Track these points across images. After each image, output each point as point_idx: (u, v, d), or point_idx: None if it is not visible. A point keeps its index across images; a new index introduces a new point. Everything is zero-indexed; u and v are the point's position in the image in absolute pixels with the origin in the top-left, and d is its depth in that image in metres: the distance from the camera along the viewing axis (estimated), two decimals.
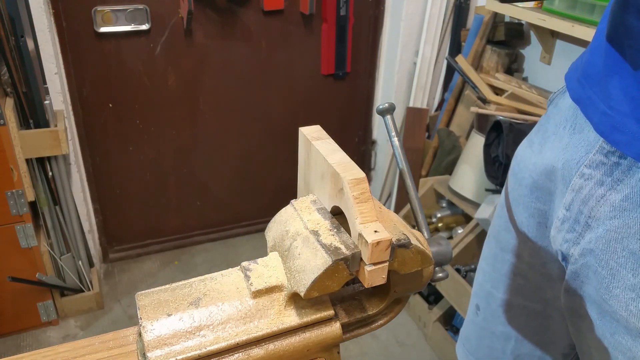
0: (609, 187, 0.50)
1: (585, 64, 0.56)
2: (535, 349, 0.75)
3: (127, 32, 1.90)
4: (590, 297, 0.54)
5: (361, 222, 0.38)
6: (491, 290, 0.77)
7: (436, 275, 0.46)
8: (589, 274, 0.54)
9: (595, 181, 0.51)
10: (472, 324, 0.82)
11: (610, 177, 0.50)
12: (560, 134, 0.59)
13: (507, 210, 0.70)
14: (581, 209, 0.53)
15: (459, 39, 2.11)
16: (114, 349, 0.43)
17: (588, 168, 0.52)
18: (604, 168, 0.50)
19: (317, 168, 0.43)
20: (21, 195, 1.65)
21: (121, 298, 2.08)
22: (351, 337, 0.44)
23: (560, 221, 0.57)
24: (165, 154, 2.17)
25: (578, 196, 0.54)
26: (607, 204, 0.50)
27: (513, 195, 0.68)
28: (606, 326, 0.53)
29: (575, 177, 0.54)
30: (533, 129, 0.68)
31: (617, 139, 0.48)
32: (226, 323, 0.40)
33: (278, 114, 2.28)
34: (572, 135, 0.57)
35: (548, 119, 0.64)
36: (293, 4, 2.07)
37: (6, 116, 1.54)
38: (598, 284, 0.52)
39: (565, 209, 0.56)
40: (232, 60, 2.09)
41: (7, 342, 1.86)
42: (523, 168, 0.66)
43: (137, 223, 2.28)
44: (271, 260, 0.43)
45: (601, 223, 0.51)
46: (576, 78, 0.57)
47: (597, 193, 0.51)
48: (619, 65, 0.49)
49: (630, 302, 0.49)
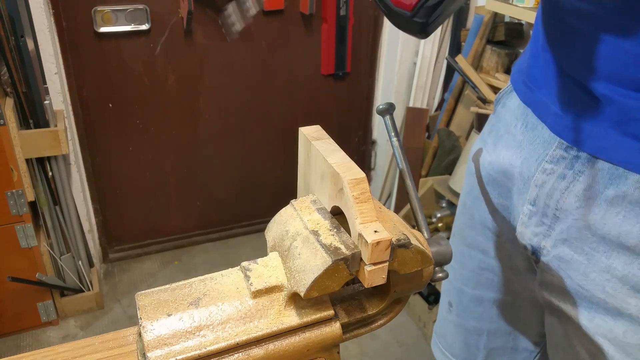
0: (571, 179, 0.52)
1: (529, 67, 0.58)
2: (507, 341, 0.77)
3: (127, 32, 1.90)
4: (567, 286, 0.56)
5: (361, 222, 0.38)
6: (462, 287, 0.78)
7: (436, 275, 0.46)
8: (562, 264, 0.56)
9: (557, 175, 0.53)
10: (445, 321, 0.84)
11: (572, 169, 0.52)
12: (512, 133, 0.61)
13: (469, 208, 0.72)
14: (547, 203, 0.55)
15: (458, 39, 2.11)
16: (114, 349, 0.43)
17: (549, 163, 0.54)
18: (565, 162, 0.52)
19: (317, 168, 0.43)
20: (21, 195, 1.65)
21: (121, 298, 2.08)
22: (351, 337, 0.44)
23: (527, 216, 0.58)
24: (165, 154, 2.17)
25: (542, 191, 0.55)
26: (572, 195, 0.52)
27: (473, 193, 0.70)
28: (585, 313, 0.54)
29: (537, 173, 0.55)
30: (484, 129, 0.70)
31: (573, 137, 0.51)
32: (226, 323, 0.40)
33: (278, 114, 2.28)
34: (524, 134, 0.59)
35: (498, 118, 0.66)
36: (293, 4, 2.07)
37: (6, 116, 1.54)
38: (574, 272, 0.54)
39: (531, 204, 0.57)
40: (232, 60, 2.09)
41: (7, 342, 1.86)
42: (480, 167, 0.68)
43: (137, 223, 2.28)
44: (271, 260, 0.43)
45: (569, 214, 0.53)
46: (522, 81, 0.60)
47: (560, 186, 0.53)
48: (558, 67, 0.51)
49: (606, 284, 0.51)
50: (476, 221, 0.71)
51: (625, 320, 0.51)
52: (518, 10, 1.70)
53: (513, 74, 0.64)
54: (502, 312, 0.75)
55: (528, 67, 0.59)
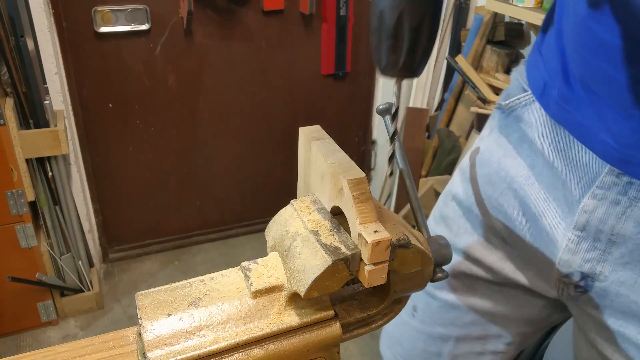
0: (627, 204, 0.50)
1: (558, 83, 0.54)
2: (475, 347, 0.75)
3: (127, 32, 1.90)
4: (630, 311, 0.54)
5: (361, 222, 0.38)
6: (433, 291, 0.75)
7: (436, 275, 0.46)
8: (623, 289, 0.53)
9: (610, 201, 0.51)
10: (405, 325, 0.80)
11: (626, 195, 0.50)
12: (537, 151, 0.59)
13: (475, 216, 0.69)
14: (600, 229, 0.53)
15: (459, 39, 2.11)
16: (114, 349, 0.43)
17: (600, 189, 0.51)
18: (617, 188, 0.50)
19: (317, 168, 0.43)
20: (21, 195, 1.65)
21: (121, 298, 2.08)
22: (351, 337, 0.44)
23: (574, 243, 0.55)
24: (165, 154, 2.17)
25: (593, 217, 0.53)
26: (630, 220, 0.50)
27: (488, 204, 0.67)
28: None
29: (586, 198, 0.53)
30: (491, 141, 0.67)
31: (628, 169, 0.49)
32: (226, 323, 0.40)
33: (278, 114, 2.28)
34: (556, 154, 0.56)
35: (512, 131, 0.63)
36: (293, 4, 2.07)
37: (6, 116, 1.54)
38: (638, 296, 0.52)
39: (579, 230, 0.55)
40: (232, 60, 2.09)
41: (7, 342, 1.86)
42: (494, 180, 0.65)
43: (137, 223, 2.28)
44: (271, 260, 0.43)
45: (628, 239, 0.51)
46: (550, 96, 0.56)
47: (615, 212, 0.51)
48: (603, 100, 0.49)
49: None
50: (483, 229, 0.68)
51: None
52: (518, 10, 1.69)
53: (534, 84, 0.60)
54: (477, 319, 0.73)
55: (556, 82, 0.55)
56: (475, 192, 0.68)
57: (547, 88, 0.57)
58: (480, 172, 0.68)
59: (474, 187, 0.68)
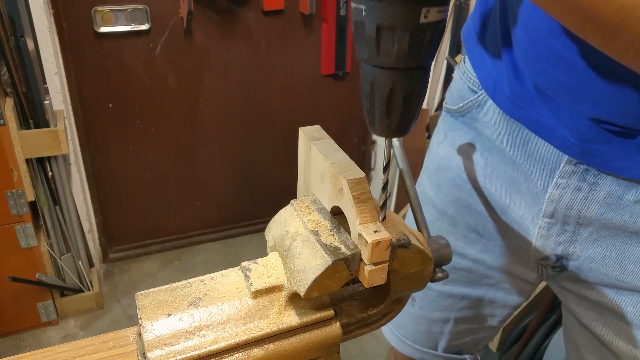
0: (588, 190, 0.53)
1: (512, 83, 0.56)
2: (472, 324, 0.81)
3: (127, 32, 1.90)
4: (604, 282, 0.57)
5: (361, 222, 0.38)
6: (429, 284, 0.79)
7: (436, 275, 0.46)
8: (595, 264, 0.56)
9: (573, 188, 0.54)
10: (406, 313, 0.85)
11: (585, 181, 0.53)
12: (498, 147, 0.61)
13: (449, 217, 0.73)
14: (567, 214, 0.56)
15: (458, 39, 2.11)
16: (114, 349, 0.43)
17: (562, 178, 0.54)
18: (577, 175, 0.53)
19: (317, 168, 0.43)
20: (21, 195, 1.65)
21: (121, 298, 2.08)
22: (351, 337, 0.44)
23: (545, 229, 0.58)
24: (165, 154, 2.17)
25: (560, 205, 0.56)
26: (594, 203, 0.53)
27: (459, 202, 0.71)
28: (627, 301, 0.55)
29: (550, 189, 0.55)
30: (444, 142, 0.70)
31: (589, 160, 0.51)
32: (226, 323, 0.40)
33: (278, 114, 2.28)
34: (514, 149, 0.58)
35: (468, 131, 0.66)
36: (293, 4, 2.07)
37: (6, 116, 1.54)
38: (610, 269, 0.55)
39: (548, 217, 0.57)
40: (232, 60, 2.09)
41: (7, 342, 1.86)
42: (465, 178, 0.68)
43: (137, 223, 2.28)
44: (271, 260, 0.43)
45: (594, 220, 0.54)
46: (504, 95, 0.57)
47: (579, 197, 0.54)
48: (560, 103, 0.50)
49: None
50: (459, 227, 0.72)
51: None
52: None
53: (484, 82, 0.61)
54: (471, 303, 0.78)
55: (506, 80, 0.57)
56: (445, 196, 0.72)
57: (498, 85, 0.58)
58: (445, 177, 0.71)
59: (443, 192, 0.73)
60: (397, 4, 0.32)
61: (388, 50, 0.34)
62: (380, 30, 0.33)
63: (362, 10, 0.33)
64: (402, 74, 0.35)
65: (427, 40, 0.34)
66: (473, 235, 0.71)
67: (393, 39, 0.33)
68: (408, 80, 0.35)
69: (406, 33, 0.33)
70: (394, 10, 0.32)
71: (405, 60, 0.34)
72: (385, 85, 0.35)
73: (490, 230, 0.69)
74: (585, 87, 0.46)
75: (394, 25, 0.32)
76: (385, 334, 0.90)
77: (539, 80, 0.51)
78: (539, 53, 0.49)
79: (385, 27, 0.33)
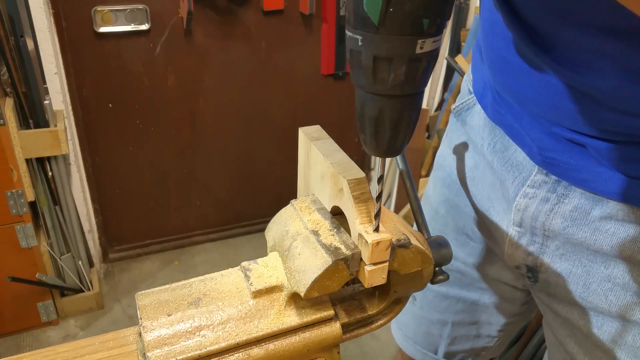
0: (555, 202, 0.52)
1: (492, 88, 0.56)
2: (471, 330, 0.80)
3: (127, 32, 1.90)
4: (570, 299, 0.55)
5: (361, 222, 0.38)
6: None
7: (437, 277, 0.46)
8: (561, 280, 0.55)
9: (540, 198, 0.53)
10: (409, 312, 0.86)
11: (555, 193, 0.52)
12: (480, 152, 0.61)
13: (442, 216, 0.73)
14: (533, 225, 0.55)
15: (458, 39, 2.11)
16: (114, 349, 0.43)
17: (531, 188, 0.54)
18: (547, 186, 0.52)
19: (317, 168, 0.43)
20: (21, 195, 1.65)
21: (121, 298, 2.08)
22: (351, 337, 0.44)
23: (515, 238, 0.58)
24: (165, 154, 2.17)
25: (526, 214, 0.55)
26: (558, 216, 0.52)
27: (449, 202, 0.71)
28: (592, 322, 0.54)
29: (518, 197, 0.55)
30: (449, 140, 0.70)
31: (551, 170, 0.51)
32: (226, 323, 0.40)
33: (278, 114, 2.28)
34: (493, 154, 0.58)
35: (460, 134, 0.66)
36: (293, 4, 2.07)
37: (6, 116, 1.54)
38: (575, 285, 0.54)
39: (517, 226, 0.57)
40: (232, 60, 2.09)
41: (7, 342, 1.86)
42: (455, 178, 0.68)
43: (137, 223, 2.28)
44: (271, 260, 0.43)
45: (558, 233, 0.53)
46: (489, 100, 0.58)
47: (544, 209, 0.53)
48: (522, 111, 0.51)
49: (609, 293, 0.51)
50: (450, 228, 0.72)
51: (633, 326, 0.51)
52: None
53: (476, 86, 0.62)
54: (467, 307, 0.78)
55: (490, 85, 0.57)
56: (438, 195, 0.73)
57: (485, 89, 0.59)
58: (439, 175, 0.72)
59: (437, 190, 0.73)
60: (394, 37, 0.32)
61: (384, 79, 0.34)
62: (377, 60, 0.33)
63: (359, 40, 0.33)
64: (392, 100, 0.35)
65: (422, 69, 0.34)
66: (462, 238, 0.71)
67: (389, 69, 0.33)
68: (399, 105, 0.35)
69: (402, 63, 0.33)
70: (390, 42, 0.32)
71: (401, 88, 0.34)
72: (373, 109, 0.36)
73: (476, 233, 0.69)
74: (547, 97, 0.46)
75: (390, 56, 0.33)
76: (392, 331, 0.91)
77: (504, 91, 0.52)
78: (502, 69, 0.50)
79: (382, 58, 0.33)
